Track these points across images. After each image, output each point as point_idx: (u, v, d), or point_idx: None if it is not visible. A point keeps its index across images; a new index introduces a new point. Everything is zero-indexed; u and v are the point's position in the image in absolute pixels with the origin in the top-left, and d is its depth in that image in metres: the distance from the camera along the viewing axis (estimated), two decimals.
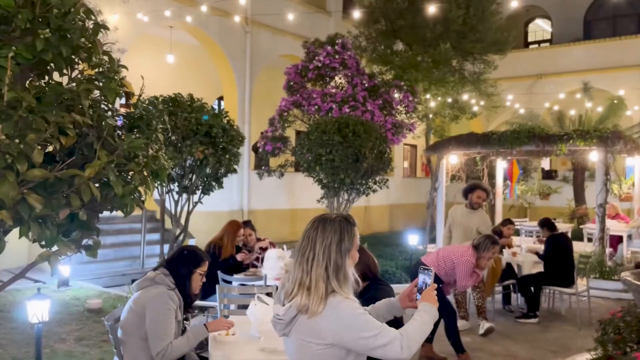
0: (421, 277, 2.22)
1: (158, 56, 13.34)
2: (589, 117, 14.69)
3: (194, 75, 14.24)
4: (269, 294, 4.24)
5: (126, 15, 10.38)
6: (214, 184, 6.56)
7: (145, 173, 2.21)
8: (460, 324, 6.24)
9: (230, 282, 5.15)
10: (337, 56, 10.99)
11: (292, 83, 11.19)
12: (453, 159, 11.97)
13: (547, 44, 21.26)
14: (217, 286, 4.29)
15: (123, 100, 10.82)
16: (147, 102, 5.57)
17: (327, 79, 11.31)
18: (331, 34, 11.66)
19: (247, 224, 6.26)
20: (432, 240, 11.95)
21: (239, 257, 5.75)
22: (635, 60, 16.58)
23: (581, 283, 7.14)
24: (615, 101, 14.76)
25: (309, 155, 8.53)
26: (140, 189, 2.28)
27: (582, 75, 16.22)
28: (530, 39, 22.87)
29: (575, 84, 16.27)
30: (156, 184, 6.44)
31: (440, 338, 5.45)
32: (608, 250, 9.75)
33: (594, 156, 9.73)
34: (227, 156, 6.30)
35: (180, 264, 3.16)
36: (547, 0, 20.16)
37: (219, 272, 5.11)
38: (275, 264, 5.16)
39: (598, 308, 7.43)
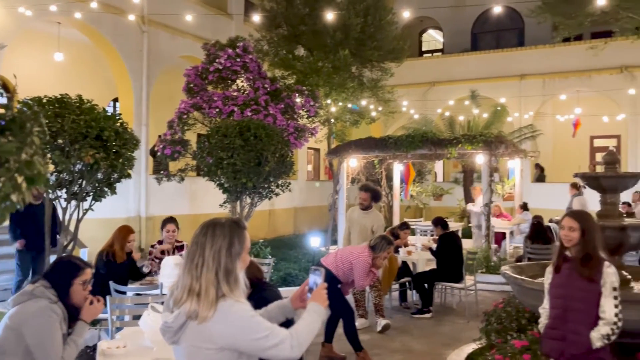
0: (312, 278, 2.26)
1: (45, 54, 12.44)
2: (476, 122, 15.78)
3: (86, 75, 13.45)
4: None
5: (5, 9, 9.57)
6: (106, 189, 6.21)
7: (18, 179, 2.04)
8: (360, 322, 6.43)
9: (124, 293, 4.92)
10: (238, 59, 10.87)
11: (192, 85, 10.91)
12: (353, 162, 12.34)
13: (440, 54, 22.56)
14: (108, 297, 4.07)
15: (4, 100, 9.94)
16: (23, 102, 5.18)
17: (229, 81, 11.16)
18: (232, 37, 11.53)
19: (171, 220, 6.10)
20: (334, 241, 12.21)
21: (135, 256, 5.59)
22: (515, 71, 18.09)
23: (469, 278, 7.65)
24: (499, 108, 15.99)
25: (210, 159, 8.38)
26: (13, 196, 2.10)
27: (470, 84, 17.39)
28: (424, 49, 24.16)
29: (464, 91, 17.39)
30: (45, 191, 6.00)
31: (340, 337, 5.57)
32: (493, 246, 10.54)
33: (480, 159, 10.47)
34: (121, 160, 6.00)
35: (58, 275, 2.97)
36: (438, 12, 21.39)
37: (111, 283, 4.86)
38: (172, 272, 4.98)
39: (485, 301, 7.98)
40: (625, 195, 10.85)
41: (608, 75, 16.58)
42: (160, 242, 6.08)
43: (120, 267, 5.42)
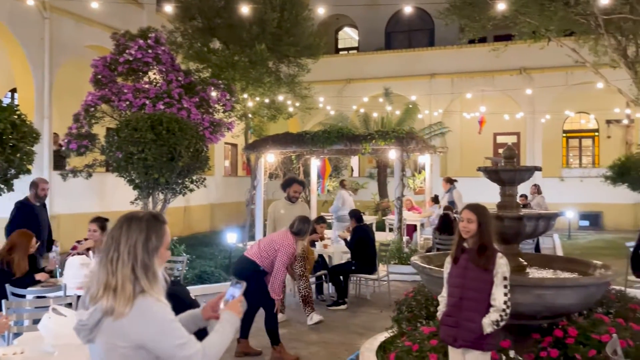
0: (230, 290, 2.21)
1: None
2: (389, 119, 16.31)
3: None
4: (69, 305, 3.89)
5: None
6: (2, 186, 5.78)
7: None
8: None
9: (23, 296, 4.59)
10: (150, 50, 10.48)
11: (99, 76, 10.38)
12: (271, 158, 12.32)
13: (355, 52, 23.02)
14: (2, 302, 3.79)
15: None
16: None
17: (140, 73, 10.74)
18: (144, 27, 11.09)
19: (95, 220, 5.66)
20: (252, 237, 12.13)
21: (40, 276, 5.13)
22: (426, 70, 18.86)
23: (383, 269, 7.90)
24: (410, 106, 16.62)
25: (120, 153, 8.03)
26: None
27: (384, 82, 17.91)
28: (340, 46, 24.55)
29: (378, 89, 17.89)
30: None
31: (257, 332, 5.56)
32: (405, 238, 10.96)
33: (392, 154, 10.84)
34: (19, 155, 5.60)
35: None
36: (354, 10, 21.83)
37: (7, 286, 4.52)
38: (77, 272, 4.73)
39: (397, 290, 8.25)
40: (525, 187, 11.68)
41: (509, 76, 17.74)
42: (86, 240, 5.69)
43: (14, 284, 4.74)
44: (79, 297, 4.52)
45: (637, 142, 13.47)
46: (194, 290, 7.42)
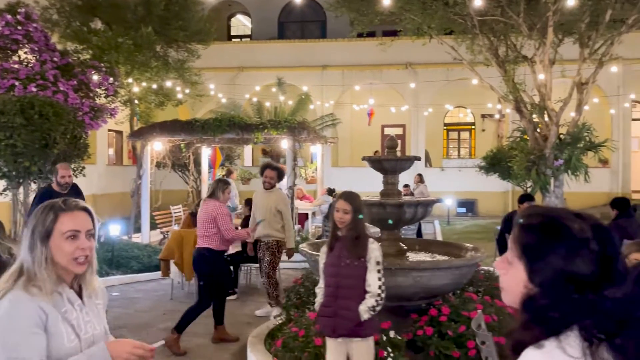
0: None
1: None
2: (283, 109, 16.36)
3: None
4: None
5: None
6: None
7: None
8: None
9: None
10: (19, 27, 9.57)
11: None
12: (158, 146, 11.85)
13: (248, 40, 22.75)
14: None
15: None
16: None
17: (9, 52, 9.77)
18: (12, 1, 10.09)
19: None
20: (138, 229, 11.63)
21: None
22: (318, 61, 19.13)
23: None
24: (303, 96, 16.79)
25: None
26: None
27: (277, 71, 17.89)
28: (233, 33, 24.13)
29: (271, 78, 17.83)
30: None
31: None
32: (297, 226, 11.10)
33: (285, 144, 10.90)
34: None
35: None
36: None
37: None
38: None
39: (289, 279, 8.31)
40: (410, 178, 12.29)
41: (395, 70, 18.54)
42: None
43: None
44: None
45: (507, 136, 14.73)
46: None
